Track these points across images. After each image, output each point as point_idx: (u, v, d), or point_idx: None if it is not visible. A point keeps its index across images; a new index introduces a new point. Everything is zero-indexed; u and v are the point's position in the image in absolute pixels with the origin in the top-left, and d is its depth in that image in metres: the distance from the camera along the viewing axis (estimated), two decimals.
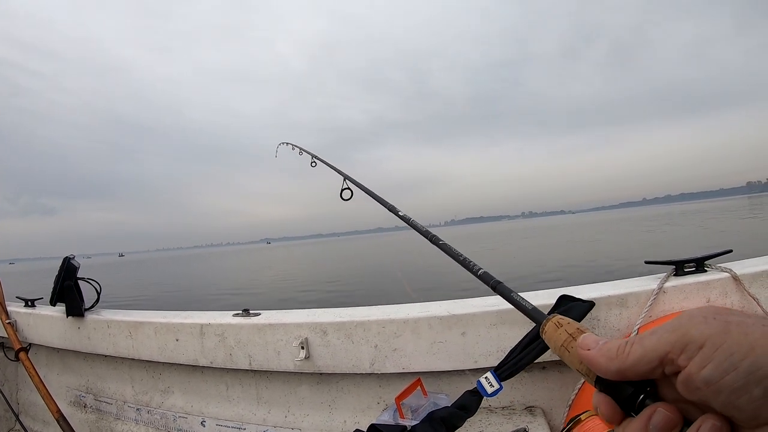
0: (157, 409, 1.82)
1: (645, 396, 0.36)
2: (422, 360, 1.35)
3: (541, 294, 1.38)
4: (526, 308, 0.54)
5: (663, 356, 0.34)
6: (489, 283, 0.66)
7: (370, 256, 32.55)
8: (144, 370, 1.86)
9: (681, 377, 0.34)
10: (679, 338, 0.34)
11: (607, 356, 0.37)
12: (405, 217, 1.09)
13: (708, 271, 1.36)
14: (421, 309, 1.39)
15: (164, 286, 21.00)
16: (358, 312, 1.45)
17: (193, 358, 1.63)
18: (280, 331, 1.47)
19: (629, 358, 0.35)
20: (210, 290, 16.27)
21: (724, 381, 0.33)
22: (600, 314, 1.30)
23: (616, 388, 0.38)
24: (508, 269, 12.14)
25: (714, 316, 0.33)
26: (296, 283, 16.17)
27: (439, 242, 0.89)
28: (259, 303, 10.91)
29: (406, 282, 2.30)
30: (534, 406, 1.39)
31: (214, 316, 1.66)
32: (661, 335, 0.34)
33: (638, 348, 0.35)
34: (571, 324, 0.44)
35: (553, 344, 0.45)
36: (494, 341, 1.31)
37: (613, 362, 0.36)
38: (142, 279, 26.93)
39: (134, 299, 15.22)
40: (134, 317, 1.80)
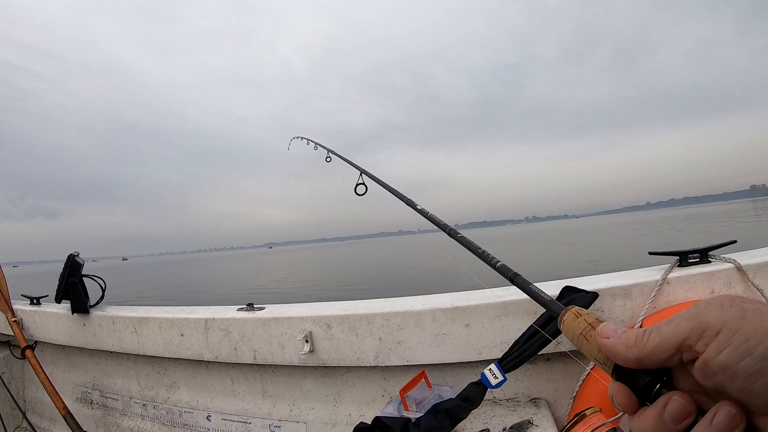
0: (162, 404, 1.83)
1: (661, 385, 0.37)
2: (426, 352, 1.35)
3: (544, 285, 1.38)
4: (544, 299, 0.55)
5: (680, 343, 0.35)
6: (507, 275, 0.67)
7: (373, 259, 32.49)
8: (149, 365, 1.87)
9: (698, 363, 0.34)
10: (696, 325, 0.34)
11: (626, 344, 0.38)
12: (423, 211, 1.10)
13: (712, 261, 1.36)
14: (425, 301, 1.39)
15: (168, 289, 21.06)
16: (362, 305, 1.46)
17: (198, 352, 1.64)
18: (284, 324, 1.47)
19: (648, 346, 0.36)
20: (213, 293, 16.29)
21: (740, 365, 0.33)
22: (604, 305, 1.30)
23: (633, 377, 0.38)
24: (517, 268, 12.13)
25: (730, 303, 0.34)
26: (298, 286, 16.17)
27: (457, 235, 0.90)
28: (263, 301, 11.08)
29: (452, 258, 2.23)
30: (538, 398, 1.39)
31: (218, 310, 1.67)
32: (679, 323, 0.35)
33: (656, 336, 0.36)
34: (590, 314, 0.45)
35: (572, 333, 0.46)
36: (498, 333, 1.31)
37: (632, 350, 0.37)
38: (146, 282, 26.97)
39: (137, 301, 15.31)
40: (139, 313, 1.81)
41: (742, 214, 43.84)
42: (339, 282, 15.94)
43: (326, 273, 23.22)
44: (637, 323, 1.27)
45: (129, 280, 29.59)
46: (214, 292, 16.30)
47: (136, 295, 17.02)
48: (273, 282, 18.85)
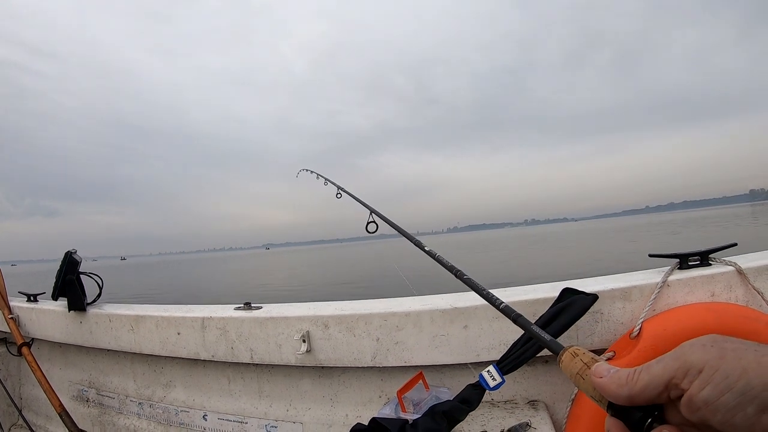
0: (159, 403, 1.82)
1: (652, 420, 0.40)
2: (424, 353, 1.35)
3: (544, 287, 1.37)
4: (545, 340, 0.58)
5: (668, 381, 0.39)
6: (510, 316, 0.73)
7: (370, 261, 32.40)
8: (146, 364, 1.86)
9: (684, 399, 0.38)
10: (681, 365, 0.38)
11: (618, 383, 0.41)
12: (431, 253, 1.15)
13: (712, 264, 1.35)
14: (423, 302, 1.38)
15: (165, 288, 21.01)
16: (360, 305, 1.45)
17: (194, 351, 1.63)
18: (281, 324, 1.46)
19: (637, 385, 0.40)
20: (211, 292, 16.22)
21: (721, 401, 0.36)
22: (603, 307, 1.29)
23: (627, 412, 0.42)
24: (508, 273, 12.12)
25: (712, 344, 0.38)
26: (293, 288, 16.09)
27: (464, 277, 0.96)
28: (260, 301, 11.05)
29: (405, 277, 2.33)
30: (536, 400, 1.38)
31: (215, 309, 1.66)
32: (666, 363, 0.39)
33: (645, 375, 0.40)
34: (586, 354, 0.49)
35: (569, 372, 0.49)
36: (496, 335, 1.30)
37: (623, 389, 0.41)
38: (143, 282, 26.86)
39: (134, 301, 15.42)
40: (136, 311, 1.80)
41: (741, 218, 43.87)
42: (335, 283, 15.89)
43: (322, 275, 23.13)
44: (637, 326, 1.26)
45: (127, 280, 29.56)
46: (211, 291, 16.28)
47: (134, 294, 17.01)
48: (268, 283, 18.77)
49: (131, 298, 15.25)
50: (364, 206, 1.55)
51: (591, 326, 1.30)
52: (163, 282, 24.35)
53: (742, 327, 1.22)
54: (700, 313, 1.27)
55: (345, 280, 18.18)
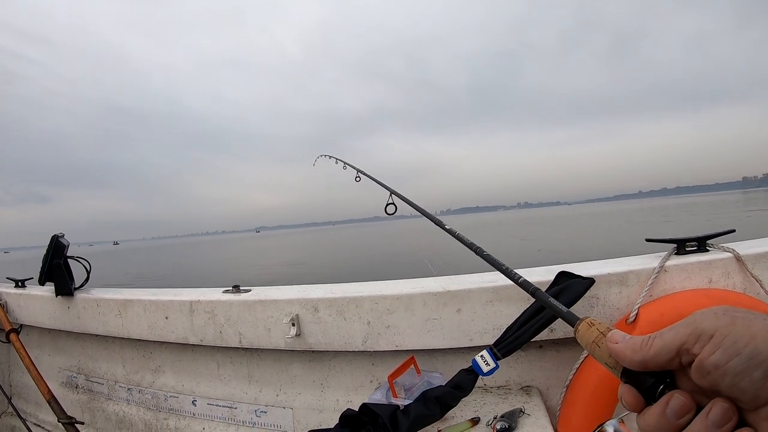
0: (148, 388, 1.79)
1: (664, 386, 0.42)
2: (416, 337, 1.32)
3: (539, 270, 1.35)
4: (562, 311, 0.59)
5: (679, 347, 0.40)
6: (528, 290, 0.74)
7: (362, 245, 32.05)
8: (134, 349, 1.83)
9: (694, 364, 0.39)
10: (693, 330, 0.40)
11: (632, 348, 0.43)
12: (451, 231, 1.16)
13: (710, 250, 1.32)
14: (415, 285, 1.36)
15: (156, 272, 20.83)
16: (351, 288, 1.42)
17: (182, 336, 1.60)
18: (270, 307, 1.43)
19: (651, 350, 0.42)
20: (200, 277, 16.00)
21: (729, 365, 0.37)
22: (599, 292, 1.27)
23: (639, 379, 0.43)
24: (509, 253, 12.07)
25: (723, 312, 0.39)
26: (280, 272, 15.89)
27: (483, 253, 0.96)
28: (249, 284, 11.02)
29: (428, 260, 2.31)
30: (530, 386, 1.36)
31: (203, 292, 1.62)
32: (678, 329, 0.41)
33: (659, 341, 0.42)
34: (602, 324, 0.51)
35: (585, 341, 0.51)
36: (490, 318, 1.28)
37: (638, 354, 0.43)
38: (134, 266, 26.52)
39: (125, 285, 15.36)
40: (123, 295, 1.77)
41: (735, 204, 43.95)
42: (327, 267, 15.68)
43: (313, 258, 22.83)
44: (633, 311, 1.24)
45: (120, 265, 29.36)
46: (200, 276, 16.14)
47: (125, 280, 16.86)
48: (255, 267, 18.52)
49: (122, 285, 15.29)
50: (385, 188, 1.56)
51: (587, 311, 1.28)
52: (153, 267, 24.14)
53: None
54: (697, 299, 1.24)
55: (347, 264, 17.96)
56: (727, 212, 28.85)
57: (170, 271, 20.95)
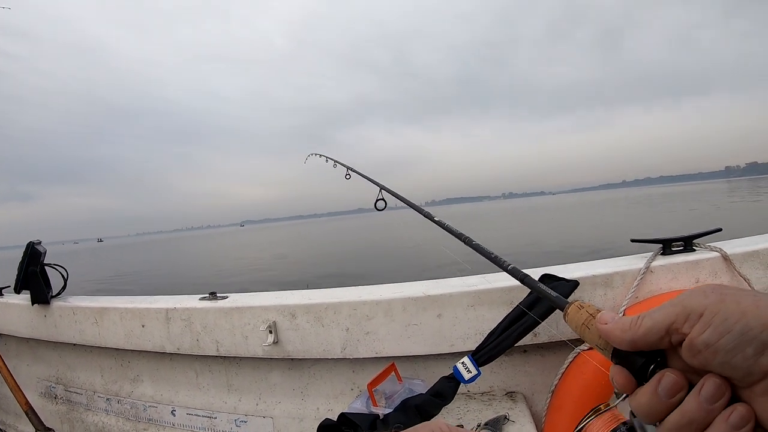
0: (126, 398, 1.74)
1: (655, 365, 0.41)
2: (396, 344, 1.28)
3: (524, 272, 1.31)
4: (550, 295, 0.59)
5: (669, 326, 0.40)
6: (517, 276, 0.73)
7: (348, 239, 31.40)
8: (112, 358, 1.78)
9: (685, 343, 0.39)
10: (681, 310, 0.39)
11: (622, 328, 0.43)
12: (440, 223, 1.16)
13: (697, 250, 1.29)
14: (394, 290, 1.31)
15: (138, 270, 20.42)
16: (328, 293, 1.38)
17: (159, 344, 1.55)
18: (247, 314, 1.39)
19: (640, 330, 0.41)
20: (183, 277, 15.64)
21: (720, 343, 0.37)
22: (584, 295, 1.23)
23: (630, 359, 0.43)
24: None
25: (711, 290, 0.39)
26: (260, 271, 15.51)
27: (472, 243, 0.96)
28: (227, 286, 10.52)
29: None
30: (515, 392, 1.32)
31: (179, 300, 1.58)
32: (667, 309, 0.41)
33: (648, 320, 0.41)
34: (591, 306, 0.50)
35: (575, 324, 0.50)
36: (472, 323, 1.24)
37: (627, 333, 0.42)
38: (116, 266, 25.93)
39: (109, 284, 14.81)
40: (99, 303, 1.72)
41: (717, 193, 44.01)
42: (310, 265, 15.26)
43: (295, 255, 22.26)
44: (620, 313, 1.21)
45: (101, 264, 28.90)
46: (181, 275, 15.78)
47: (104, 279, 16.50)
48: (235, 266, 18.02)
49: (102, 284, 14.85)
50: (375, 184, 1.55)
51: None
52: (133, 265, 23.62)
53: None
54: None
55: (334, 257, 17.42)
56: (710, 202, 28.64)
57: (150, 268, 20.47)
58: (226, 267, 17.33)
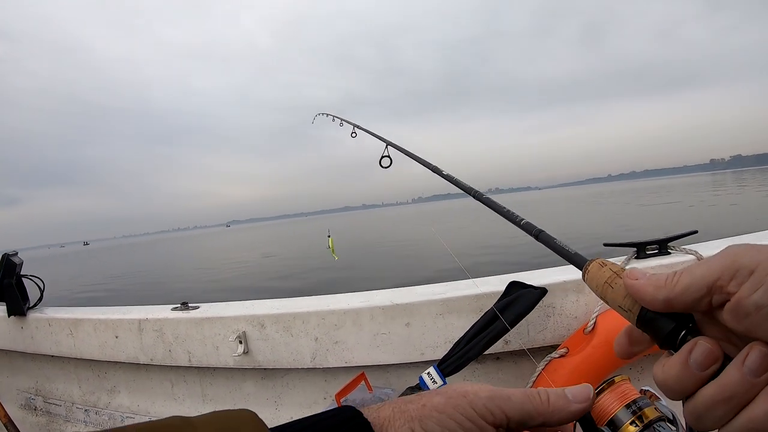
0: (104, 409, 1.73)
1: (687, 332, 0.35)
2: (365, 353, 1.26)
3: (491, 280, 1.29)
4: (569, 253, 0.53)
5: (712, 284, 0.33)
6: (531, 232, 0.67)
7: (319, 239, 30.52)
8: (89, 369, 1.77)
9: (730, 304, 0.33)
10: (729, 265, 0.33)
11: (656, 285, 0.36)
12: (449, 176, 1.12)
13: (672, 253, 1.27)
14: (363, 299, 1.30)
15: (125, 275, 19.91)
16: (296, 303, 1.36)
17: (133, 355, 1.54)
18: (217, 324, 1.37)
19: (677, 287, 0.35)
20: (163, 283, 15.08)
21: None
22: (555, 301, 1.21)
23: (658, 324, 0.37)
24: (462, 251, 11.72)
25: (762, 246, 0.33)
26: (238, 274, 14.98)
27: (482, 197, 0.93)
28: (204, 292, 10.23)
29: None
30: None
31: (151, 310, 1.56)
32: (711, 263, 0.34)
33: (687, 277, 0.35)
34: (615, 264, 0.44)
35: (596, 283, 0.43)
36: (441, 331, 1.22)
37: (661, 291, 0.36)
38: (98, 272, 25.21)
39: (91, 292, 14.48)
40: (74, 314, 1.70)
41: (701, 187, 43.59)
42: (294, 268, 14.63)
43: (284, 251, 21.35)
44: (591, 320, 1.18)
45: (84, 268, 28.48)
46: (161, 281, 15.19)
47: (89, 285, 16.06)
48: (217, 269, 17.32)
49: (82, 292, 14.58)
50: (380, 139, 1.50)
51: (543, 321, 1.22)
52: (118, 270, 23.04)
53: None
54: None
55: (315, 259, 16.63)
56: (694, 196, 28.08)
57: (133, 273, 19.91)
58: (208, 270, 16.87)
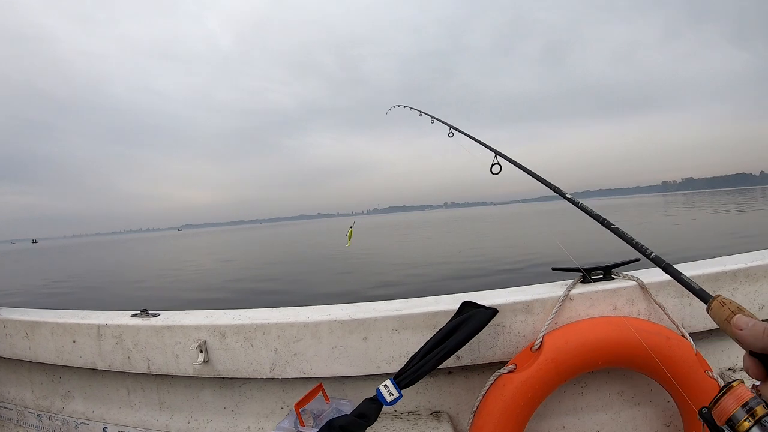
0: (57, 414, 1.70)
1: None
2: (324, 365, 1.30)
3: (446, 299, 1.35)
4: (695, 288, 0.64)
5: None
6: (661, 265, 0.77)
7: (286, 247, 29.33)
8: (43, 373, 1.74)
9: None
10: None
11: (755, 336, 0.48)
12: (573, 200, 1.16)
13: (615, 279, 1.36)
14: (322, 312, 1.34)
15: (75, 276, 18.79)
16: (258, 314, 1.39)
17: (91, 361, 1.53)
18: (178, 333, 1.38)
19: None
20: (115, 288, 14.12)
21: None
22: (505, 320, 1.28)
23: (760, 359, 0.49)
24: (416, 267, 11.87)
25: None
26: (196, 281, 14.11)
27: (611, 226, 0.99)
28: (166, 300, 9.77)
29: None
30: (440, 411, 1.36)
31: (111, 316, 1.56)
32: None
33: None
34: (732, 303, 0.55)
35: (718, 319, 0.56)
36: (396, 346, 1.27)
37: (759, 341, 0.47)
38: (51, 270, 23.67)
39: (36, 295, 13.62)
40: (31, 316, 1.67)
41: (654, 206, 45.60)
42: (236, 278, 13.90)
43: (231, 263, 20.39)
44: (538, 339, 1.26)
45: (32, 268, 27.00)
46: (113, 286, 14.21)
47: (34, 287, 15.00)
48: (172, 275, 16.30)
49: (32, 291, 13.74)
50: (488, 148, 1.50)
51: (493, 339, 1.29)
52: (67, 272, 21.70)
53: (644, 341, 1.23)
54: (601, 326, 1.28)
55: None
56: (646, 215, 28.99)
57: (83, 276, 18.74)
58: (163, 275, 15.92)
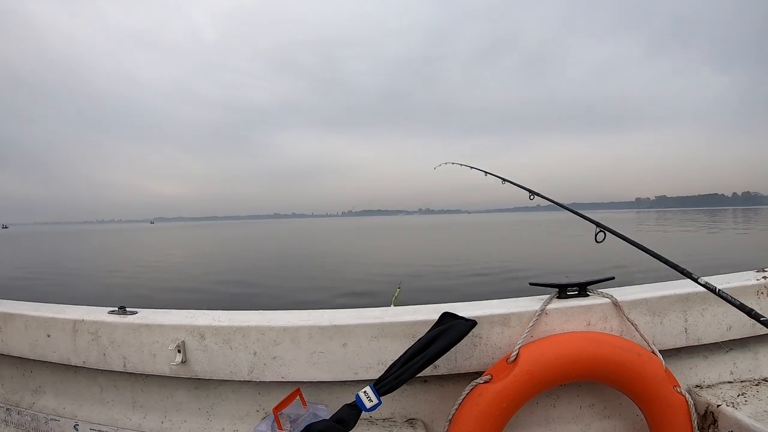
0: (27, 410, 1.66)
1: None
2: (302, 370, 1.31)
3: (426, 309, 1.38)
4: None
5: None
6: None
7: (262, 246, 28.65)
8: (14, 367, 1.70)
9: None
10: None
11: None
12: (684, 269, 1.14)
13: (590, 295, 1.41)
14: (302, 317, 1.35)
15: (47, 264, 18.06)
16: (238, 316, 1.39)
17: (65, 356, 1.50)
18: (156, 332, 1.37)
19: None
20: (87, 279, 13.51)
21: None
22: (483, 332, 1.32)
23: None
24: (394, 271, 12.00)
25: None
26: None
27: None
28: (142, 298, 9.60)
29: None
30: (415, 419, 1.38)
31: (88, 312, 1.53)
32: None
33: None
34: None
35: None
36: (375, 354, 1.29)
37: None
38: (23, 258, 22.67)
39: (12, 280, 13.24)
40: (4, 308, 1.63)
41: (628, 222, 46.88)
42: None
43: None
44: (514, 351, 1.29)
45: (2, 254, 25.95)
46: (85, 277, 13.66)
47: (8, 275, 14.37)
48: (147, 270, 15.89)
49: (3, 277, 13.24)
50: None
51: (470, 349, 1.32)
52: (40, 260, 20.86)
53: (616, 356, 1.28)
54: (575, 341, 1.32)
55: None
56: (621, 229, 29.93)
57: (55, 265, 17.99)
58: (138, 270, 15.41)
